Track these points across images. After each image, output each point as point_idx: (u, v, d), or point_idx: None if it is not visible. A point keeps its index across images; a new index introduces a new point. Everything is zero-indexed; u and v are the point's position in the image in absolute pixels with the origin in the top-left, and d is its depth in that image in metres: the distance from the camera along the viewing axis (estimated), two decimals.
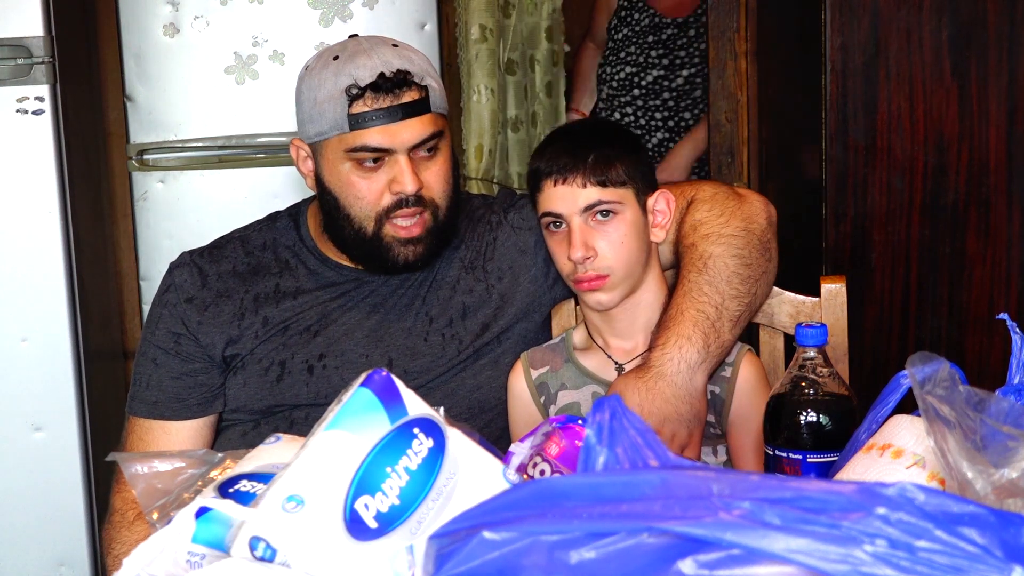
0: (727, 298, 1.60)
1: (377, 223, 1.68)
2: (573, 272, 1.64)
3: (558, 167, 1.62)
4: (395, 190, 1.66)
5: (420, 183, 1.66)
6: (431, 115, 1.68)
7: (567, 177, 1.61)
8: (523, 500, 0.86)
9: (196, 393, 1.75)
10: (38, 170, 2.51)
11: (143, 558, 1.02)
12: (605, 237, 1.61)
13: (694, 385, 1.53)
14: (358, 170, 1.66)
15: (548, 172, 1.63)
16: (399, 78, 1.64)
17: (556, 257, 1.67)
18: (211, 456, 1.21)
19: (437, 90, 1.70)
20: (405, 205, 1.66)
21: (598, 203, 1.61)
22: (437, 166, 1.69)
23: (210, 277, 1.78)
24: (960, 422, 0.97)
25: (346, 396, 1.04)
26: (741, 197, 1.73)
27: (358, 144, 1.65)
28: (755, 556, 0.75)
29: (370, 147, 1.64)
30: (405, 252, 1.70)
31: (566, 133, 1.74)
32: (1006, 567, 0.73)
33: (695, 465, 0.90)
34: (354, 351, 1.73)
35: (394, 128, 1.64)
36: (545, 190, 1.64)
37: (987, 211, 2.42)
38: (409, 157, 1.65)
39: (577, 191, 1.61)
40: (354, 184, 1.67)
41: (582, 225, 1.61)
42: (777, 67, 2.75)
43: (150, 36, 2.73)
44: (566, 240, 1.63)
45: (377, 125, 1.64)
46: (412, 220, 1.68)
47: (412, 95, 1.65)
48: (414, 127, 1.65)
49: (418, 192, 1.66)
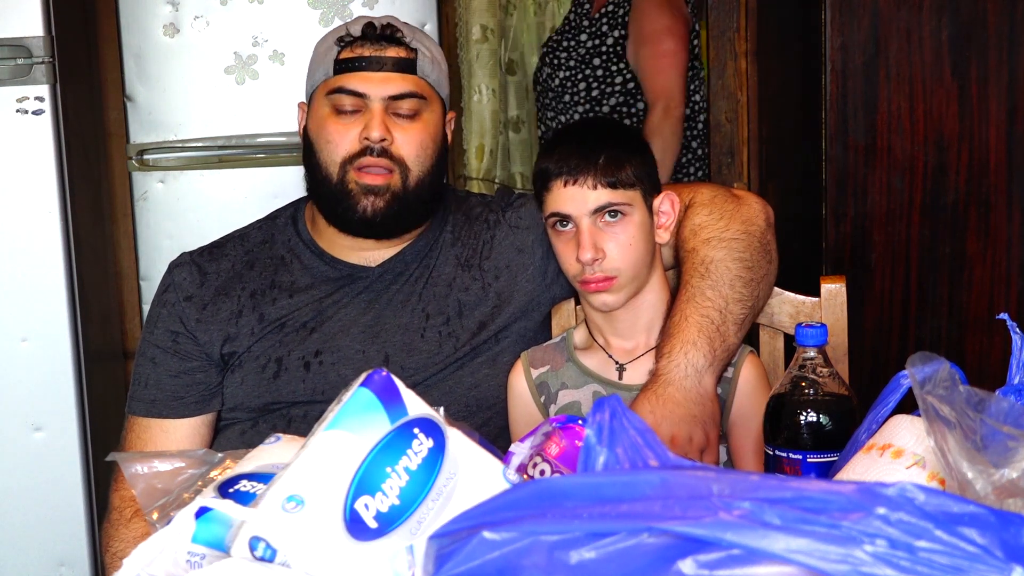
0: (730, 302, 1.60)
1: (342, 169, 1.71)
2: (580, 273, 1.63)
3: (568, 168, 1.61)
4: (363, 136, 1.69)
5: (389, 136, 1.69)
6: (415, 78, 1.72)
7: (577, 178, 1.60)
8: (523, 500, 0.86)
9: (194, 391, 1.75)
10: (38, 170, 2.51)
11: (143, 558, 1.02)
12: (614, 239, 1.61)
13: (704, 388, 1.54)
14: (334, 115, 1.72)
15: (558, 172, 1.62)
16: (386, 33, 1.73)
17: (562, 257, 1.66)
18: (211, 456, 1.21)
19: (428, 59, 1.74)
20: (371, 154, 1.69)
21: (608, 205, 1.61)
22: (415, 130, 1.72)
23: (209, 275, 1.78)
24: (960, 422, 0.97)
25: (346, 396, 1.04)
26: (739, 199, 1.73)
27: (337, 86, 1.71)
28: (755, 556, 0.75)
29: (347, 89, 1.70)
30: (364, 203, 1.71)
31: (574, 132, 1.73)
32: (1006, 567, 0.73)
33: (695, 465, 0.90)
34: (351, 347, 1.73)
35: (373, 76, 1.70)
36: (554, 190, 1.63)
37: (987, 211, 2.42)
38: (386, 111, 1.70)
39: (587, 192, 1.60)
40: (328, 128, 1.72)
41: (591, 226, 1.61)
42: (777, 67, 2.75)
43: (150, 36, 2.73)
44: (573, 241, 1.62)
45: (358, 71, 1.70)
46: (377, 172, 1.70)
47: (398, 52, 1.72)
48: (394, 80, 1.71)
49: (384, 142, 1.69)
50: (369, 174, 1.70)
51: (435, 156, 1.74)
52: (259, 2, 2.72)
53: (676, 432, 1.50)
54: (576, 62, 3.02)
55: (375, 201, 1.70)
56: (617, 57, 3.00)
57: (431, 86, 1.74)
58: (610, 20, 3.03)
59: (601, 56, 3.01)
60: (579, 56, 3.02)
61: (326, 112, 1.72)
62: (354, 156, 1.70)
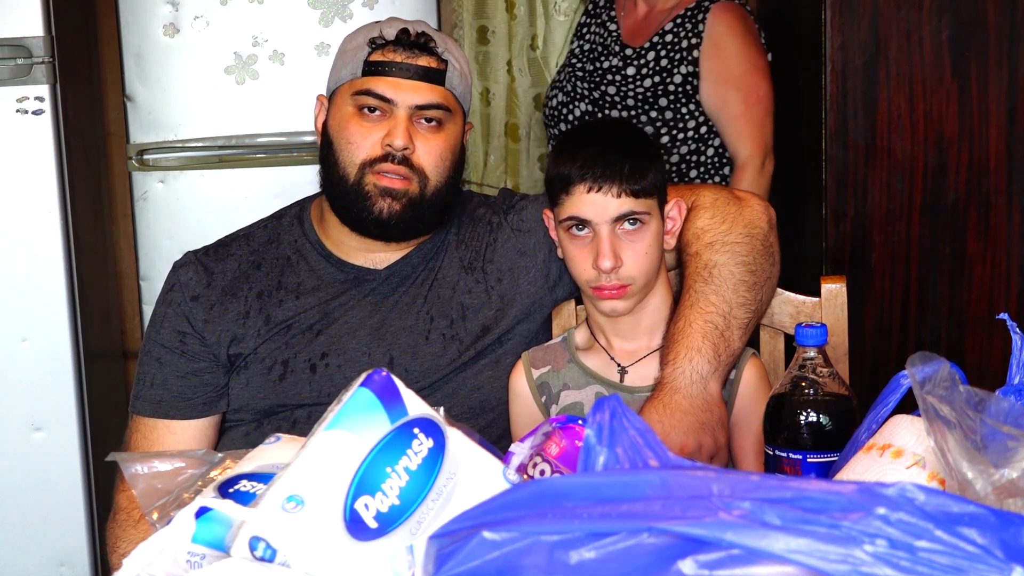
0: (734, 306, 1.60)
1: (360, 171, 1.70)
2: (595, 280, 1.61)
3: (594, 174, 1.59)
4: (386, 142, 1.69)
5: (412, 145, 1.69)
6: (443, 90, 1.71)
7: (602, 185, 1.58)
8: (523, 500, 0.86)
9: (201, 392, 1.75)
10: (38, 170, 2.51)
11: (143, 558, 1.02)
12: (631, 247, 1.60)
13: (710, 394, 1.54)
14: (358, 116, 1.71)
15: (581, 177, 1.59)
16: (420, 41, 1.71)
17: (575, 262, 1.64)
18: (211, 456, 1.21)
19: (457, 71, 1.74)
20: (391, 161, 1.69)
21: (630, 213, 1.59)
22: (437, 141, 1.72)
23: (216, 275, 1.78)
24: (960, 422, 0.97)
25: (346, 396, 1.04)
26: (741, 201, 1.72)
27: (364, 88, 1.70)
28: (755, 556, 0.75)
29: (374, 92, 1.69)
30: (381, 204, 1.70)
31: (595, 135, 1.70)
32: (1006, 567, 0.73)
33: (695, 465, 0.90)
34: (356, 350, 1.73)
35: (402, 83, 1.69)
36: (575, 195, 1.60)
37: (987, 211, 2.42)
38: (410, 119, 1.69)
39: (611, 200, 1.59)
40: (350, 128, 1.71)
41: (611, 234, 1.60)
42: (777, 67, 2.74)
43: (150, 36, 2.73)
44: (590, 246, 1.61)
45: (387, 76, 1.69)
46: (396, 177, 1.70)
47: (429, 61, 1.71)
48: (421, 90, 1.70)
49: (406, 151, 1.68)
50: (387, 177, 1.70)
51: (453, 167, 1.74)
52: (259, 2, 2.72)
53: (685, 442, 1.50)
54: (636, 101, 2.57)
55: (392, 204, 1.70)
56: (687, 97, 2.56)
57: (456, 99, 1.74)
58: (671, 53, 2.55)
59: (668, 96, 2.56)
60: (637, 95, 2.57)
61: (350, 112, 1.71)
62: (374, 160, 1.69)
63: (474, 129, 3.25)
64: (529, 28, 3.26)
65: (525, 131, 3.32)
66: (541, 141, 3.31)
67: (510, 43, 3.26)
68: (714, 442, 1.53)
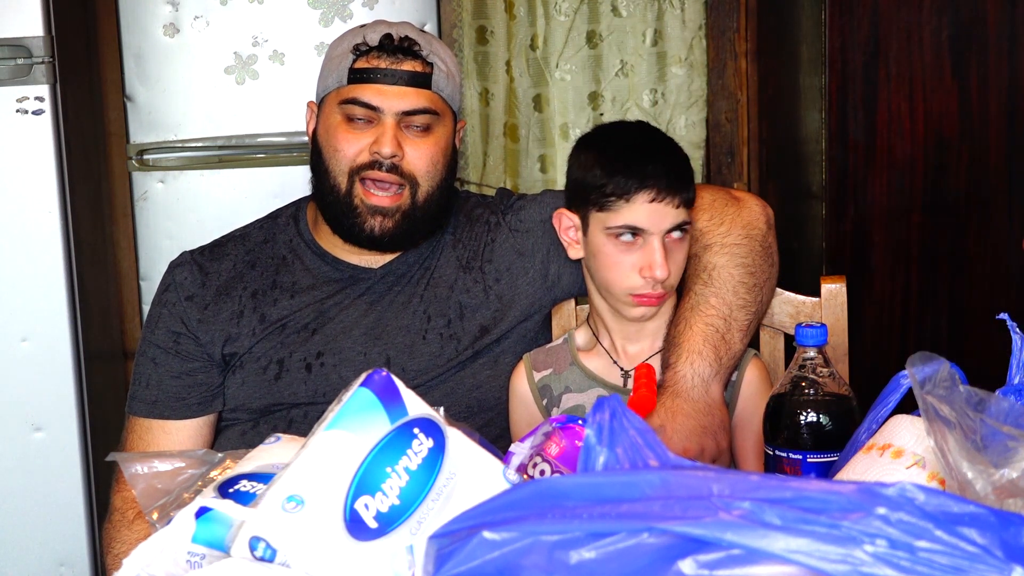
0: (735, 308, 1.60)
1: (350, 179, 1.70)
2: (639, 287, 1.60)
3: (659, 184, 1.57)
4: (374, 150, 1.68)
5: (401, 151, 1.68)
6: (430, 93, 1.70)
7: (665, 196, 1.57)
8: (523, 500, 0.86)
9: (196, 392, 1.75)
10: (38, 170, 2.51)
11: (143, 558, 1.02)
12: (674, 256, 1.60)
13: (711, 397, 1.54)
14: (346, 124, 1.70)
15: (643, 186, 1.57)
16: (404, 45, 1.70)
17: (618, 269, 1.60)
18: (211, 456, 1.21)
19: (444, 73, 1.72)
20: (379, 168, 1.68)
21: (683, 224, 1.60)
22: (427, 145, 1.70)
23: (211, 275, 1.78)
24: (960, 422, 0.97)
25: (346, 396, 1.04)
26: (739, 201, 1.72)
27: (351, 96, 1.69)
28: (755, 556, 0.75)
29: (360, 101, 1.68)
30: (372, 223, 1.70)
31: (643, 143, 1.66)
32: (1006, 567, 0.73)
33: (695, 465, 0.90)
34: (352, 349, 1.73)
35: (388, 90, 1.68)
36: (635, 203, 1.57)
37: (987, 211, 2.42)
38: (398, 125, 1.68)
39: (670, 211, 1.58)
40: (338, 136, 1.70)
41: (664, 244, 1.58)
42: (777, 67, 2.75)
43: (150, 36, 2.73)
44: (638, 254, 1.58)
45: (373, 83, 1.68)
46: (386, 191, 1.69)
47: (414, 65, 1.70)
48: (408, 95, 1.69)
49: (394, 158, 1.67)
50: (376, 194, 1.69)
51: (445, 170, 1.74)
52: (259, 2, 2.72)
53: (687, 446, 1.50)
54: None
55: (383, 222, 1.70)
56: None
57: (444, 100, 1.73)
58: None
59: None
60: None
61: (337, 120, 1.70)
62: (363, 167, 1.69)
63: (474, 129, 3.25)
64: (529, 28, 3.25)
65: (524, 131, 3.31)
66: (541, 141, 3.31)
67: (509, 43, 3.25)
68: (716, 446, 1.53)
